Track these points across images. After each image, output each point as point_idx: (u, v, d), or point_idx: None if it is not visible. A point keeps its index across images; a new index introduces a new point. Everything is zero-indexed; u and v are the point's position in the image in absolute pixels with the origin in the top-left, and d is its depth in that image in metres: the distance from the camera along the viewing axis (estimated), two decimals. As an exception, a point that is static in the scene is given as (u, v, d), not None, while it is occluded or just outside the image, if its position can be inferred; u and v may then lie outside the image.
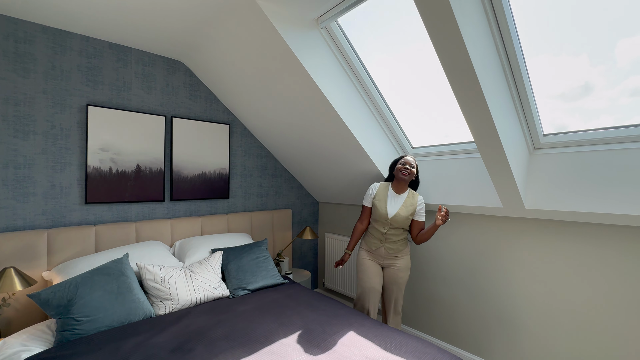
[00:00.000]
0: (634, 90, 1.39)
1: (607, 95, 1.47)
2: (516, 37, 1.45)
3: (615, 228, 1.52)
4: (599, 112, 1.52)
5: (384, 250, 1.94)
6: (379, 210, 1.90)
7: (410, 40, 1.87)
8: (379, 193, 1.95)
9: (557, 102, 1.60)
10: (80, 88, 1.96)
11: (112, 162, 2.05)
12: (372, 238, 1.97)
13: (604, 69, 1.43)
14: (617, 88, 1.43)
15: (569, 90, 1.56)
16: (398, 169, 1.89)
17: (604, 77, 1.45)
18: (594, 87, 1.49)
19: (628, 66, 1.37)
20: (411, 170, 1.88)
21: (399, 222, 1.89)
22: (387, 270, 1.99)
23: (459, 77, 1.33)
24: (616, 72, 1.41)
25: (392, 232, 1.91)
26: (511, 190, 1.67)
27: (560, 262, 1.68)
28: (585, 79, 1.50)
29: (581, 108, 1.56)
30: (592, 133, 1.56)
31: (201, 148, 2.46)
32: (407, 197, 1.93)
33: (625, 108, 1.44)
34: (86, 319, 1.43)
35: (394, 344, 1.37)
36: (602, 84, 1.46)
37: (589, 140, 1.56)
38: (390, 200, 1.93)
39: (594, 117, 1.55)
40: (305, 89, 1.94)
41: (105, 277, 1.59)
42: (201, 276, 1.86)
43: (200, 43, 2.08)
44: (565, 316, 1.66)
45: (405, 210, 1.89)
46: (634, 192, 1.37)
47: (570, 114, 1.60)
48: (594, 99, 1.51)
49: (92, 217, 2.00)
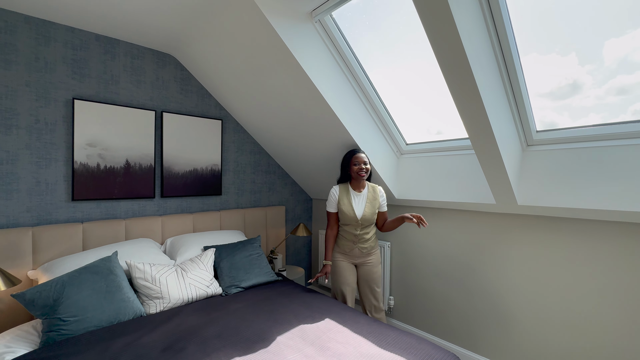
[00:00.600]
0: (620, 89, 1.42)
1: (595, 94, 1.49)
2: (511, 34, 1.44)
3: (606, 224, 1.53)
4: (587, 110, 1.54)
5: (358, 250, 1.95)
6: (348, 215, 1.90)
7: (406, 35, 1.85)
8: (341, 197, 1.93)
9: (545, 101, 1.62)
10: (66, 81, 1.89)
11: (100, 157, 1.99)
12: (345, 241, 1.96)
13: (592, 68, 1.45)
14: (604, 87, 1.45)
15: (558, 88, 1.57)
16: (354, 170, 1.91)
17: (592, 75, 1.47)
18: (582, 86, 1.51)
19: (615, 65, 1.39)
20: (367, 169, 1.92)
21: (369, 220, 1.92)
22: (361, 268, 1.99)
23: (454, 73, 1.32)
24: (603, 71, 1.43)
25: (363, 232, 1.93)
26: (504, 187, 1.68)
27: (552, 258, 1.70)
28: (574, 78, 1.52)
29: (569, 106, 1.58)
30: (584, 130, 1.57)
31: (193, 144, 2.41)
32: (369, 193, 1.96)
33: (612, 107, 1.46)
34: (73, 319, 1.39)
35: (388, 341, 1.37)
36: (590, 82, 1.48)
37: (580, 137, 1.57)
38: (355, 201, 1.93)
39: (582, 116, 1.57)
40: (299, 84, 1.91)
41: (93, 276, 1.55)
42: (193, 274, 1.83)
43: (191, 36, 2.03)
44: (556, 311, 1.69)
45: (371, 207, 1.93)
46: (624, 188, 1.39)
47: (559, 112, 1.62)
48: (582, 98, 1.53)
49: (80, 214, 1.95)
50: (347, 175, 1.99)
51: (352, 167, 1.93)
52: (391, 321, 2.53)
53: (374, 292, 1.97)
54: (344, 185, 1.98)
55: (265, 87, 2.13)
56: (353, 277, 1.97)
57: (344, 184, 1.99)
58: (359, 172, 1.90)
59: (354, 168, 1.92)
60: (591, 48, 1.41)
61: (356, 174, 1.92)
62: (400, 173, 2.37)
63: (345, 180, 2.01)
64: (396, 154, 2.38)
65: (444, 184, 2.07)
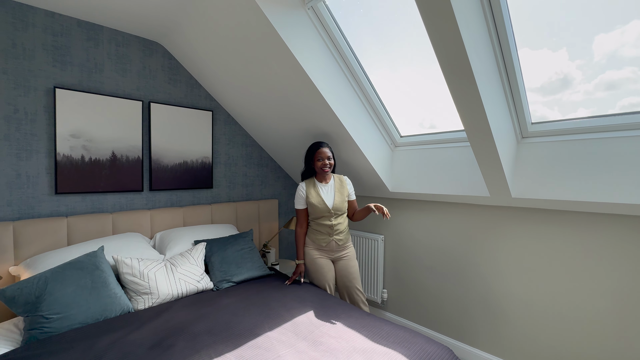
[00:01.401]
0: (609, 84, 1.42)
1: (584, 89, 1.50)
2: (509, 26, 1.41)
3: (600, 216, 1.53)
4: (576, 105, 1.55)
5: (334, 243, 1.93)
6: (319, 207, 1.88)
7: (402, 27, 1.81)
8: (309, 192, 1.91)
9: (537, 95, 1.62)
10: (46, 69, 1.80)
11: (84, 149, 1.91)
12: (320, 234, 1.93)
13: (582, 63, 1.46)
14: (594, 82, 1.46)
15: (549, 83, 1.58)
16: (318, 166, 1.91)
17: (582, 70, 1.48)
18: (572, 81, 1.52)
19: (604, 60, 1.39)
20: (331, 164, 1.92)
21: (340, 209, 1.92)
22: (339, 263, 1.97)
23: (452, 63, 1.29)
24: (593, 66, 1.43)
25: (338, 222, 1.92)
26: (498, 179, 1.66)
27: (545, 251, 1.70)
28: (564, 73, 1.52)
29: (560, 101, 1.59)
30: (578, 122, 1.56)
31: (182, 135, 2.34)
32: (335, 183, 1.97)
33: (601, 102, 1.47)
34: (57, 316, 1.34)
35: (381, 334, 1.35)
36: (579, 77, 1.49)
37: (574, 130, 1.56)
38: (323, 193, 1.93)
39: (571, 111, 1.57)
40: (291, 73, 1.85)
41: (78, 272, 1.50)
42: (183, 269, 1.79)
43: (179, 23, 1.95)
44: (549, 304, 1.69)
45: (340, 195, 1.93)
46: (618, 180, 1.38)
47: (549, 107, 1.62)
48: (572, 93, 1.54)
49: (64, 208, 1.88)
50: (312, 170, 1.97)
51: (316, 163, 1.92)
52: (385, 314, 2.53)
53: (356, 285, 1.94)
54: (309, 180, 1.97)
55: (257, 77, 2.06)
56: (332, 274, 1.95)
57: (309, 179, 1.97)
58: (323, 168, 1.90)
59: (318, 164, 1.91)
60: (581, 43, 1.42)
61: (320, 169, 1.91)
62: (394, 166, 2.35)
63: (310, 174, 1.99)
64: (390, 146, 2.35)
65: (438, 177, 2.05)
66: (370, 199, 2.61)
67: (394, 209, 2.44)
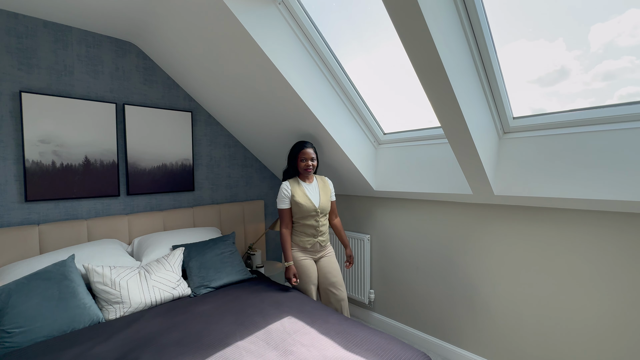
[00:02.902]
0: (607, 74, 1.39)
1: (582, 79, 1.47)
2: (483, 16, 1.35)
3: (585, 213, 1.48)
4: (575, 96, 1.51)
5: (318, 244, 1.90)
6: (305, 206, 1.84)
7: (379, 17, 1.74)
8: (294, 191, 1.87)
9: (535, 87, 1.57)
10: (11, 72, 1.74)
11: (55, 154, 1.86)
12: (305, 236, 1.89)
13: (579, 53, 1.43)
14: (591, 72, 1.43)
15: (546, 74, 1.53)
16: (302, 166, 1.89)
17: (579, 61, 1.44)
18: (570, 72, 1.49)
19: (601, 50, 1.36)
20: (314, 165, 1.92)
21: (326, 209, 1.92)
22: (321, 261, 1.94)
23: (422, 58, 1.23)
24: (590, 57, 1.40)
25: (322, 222, 1.90)
26: (479, 177, 1.61)
27: (529, 248, 1.65)
28: (562, 64, 1.48)
29: (557, 92, 1.55)
30: (563, 115, 1.50)
31: (160, 138, 2.28)
32: (319, 183, 1.97)
33: (599, 92, 1.44)
34: (19, 330, 1.30)
35: (356, 341, 1.31)
36: (577, 68, 1.46)
37: (559, 123, 1.50)
38: (309, 192, 1.90)
39: (569, 101, 1.53)
40: (264, 71, 1.79)
41: (44, 282, 1.45)
42: (157, 276, 1.74)
43: (150, 23, 1.89)
44: (533, 303, 1.65)
45: (325, 195, 1.93)
46: (605, 176, 1.33)
47: (547, 98, 1.57)
48: (570, 84, 1.49)
49: (35, 216, 1.83)
50: (295, 170, 1.94)
51: (300, 163, 1.89)
52: (372, 315, 2.49)
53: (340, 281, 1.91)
54: (293, 179, 1.93)
55: (233, 76, 2.00)
56: (316, 274, 1.92)
57: (292, 179, 1.94)
58: (306, 169, 1.88)
59: (302, 164, 1.89)
60: (577, 33, 1.38)
61: (303, 169, 1.89)
62: (378, 164, 2.29)
63: (293, 174, 1.95)
64: (374, 144, 2.30)
65: (423, 175, 2.00)
66: (355, 198, 2.56)
67: (379, 208, 2.39)
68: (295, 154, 1.91)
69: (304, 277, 1.87)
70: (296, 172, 1.95)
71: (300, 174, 1.94)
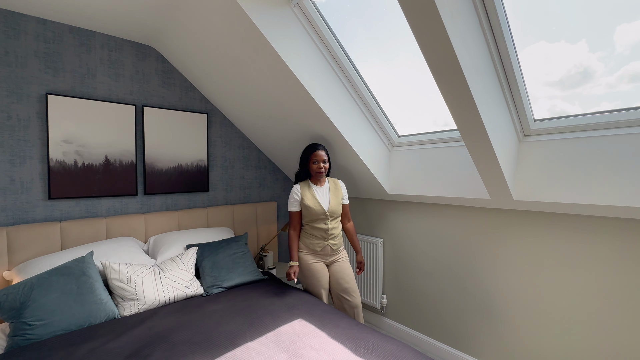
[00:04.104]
0: (634, 76, 1.33)
1: (606, 81, 1.41)
2: (504, 17, 1.30)
3: (609, 220, 1.40)
4: (599, 98, 1.45)
5: (329, 247, 1.88)
6: (315, 209, 1.83)
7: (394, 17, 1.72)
8: (304, 194, 1.86)
9: (555, 90, 1.52)
10: (39, 75, 1.83)
11: (77, 154, 1.93)
12: (314, 239, 1.87)
13: (603, 54, 1.37)
14: (617, 74, 1.37)
15: (568, 77, 1.48)
16: (313, 169, 1.89)
17: (604, 62, 1.38)
18: (594, 74, 1.43)
19: (627, 51, 1.31)
20: (326, 167, 1.90)
21: (336, 212, 1.90)
22: (334, 266, 1.91)
23: (438, 59, 1.20)
24: (615, 58, 1.34)
25: (333, 225, 1.88)
26: (498, 181, 1.55)
27: (549, 256, 1.58)
28: (585, 65, 1.43)
29: (580, 95, 1.48)
30: (586, 118, 1.43)
31: (177, 139, 2.34)
32: (330, 186, 1.95)
33: (625, 94, 1.38)
34: (39, 322, 1.34)
35: (367, 347, 1.28)
36: (601, 70, 1.40)
37: (583, 126, 1.43)
38: (319, 195, 1.88)
39: (594, 104, 1.46)
40: (279, 74, 1.80)
41: (64, 278, 1.50)
42: (171, 274, 1.77)
43: (169, 27, 1.94)
44: (552, 312, 1.57)
45: (335, 198, 1.91)
46: (629, 182, 1.26)
47: (569, 102, 1.52)
48: (594, 86, 1.44)
49: (58, 213, 1.90)
50: (307, 172, 1.92)
51: (311, 165, 1.88)
52: (384, 320, 2.44)
53: (353, 287, 1.88)
54: (304, 182, 1.92)
55: (248, 79, 2.02)
56: (327, 279, 1.89)
57: (304, 182, 1.93)
58: (318, 171, 1.87)
59: (313, 167, 1.88)
60: (602, 34, 1.33)
61: (315, 172, 1.88)
62: (392, 167, 2.26)
63: (304, 177, 1.94)
64: (387, 146, 2.27)
65: (438, 178, 1.95)
66: (368, 202, 2.53)
67: (392, 211, 2.35)
68: (307, 156, 1.91)
69: (314, 281, 1.85)
70: (308, 175, 1.95)
71: (312, 177, 1.94)
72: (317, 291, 1.85)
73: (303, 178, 1.95)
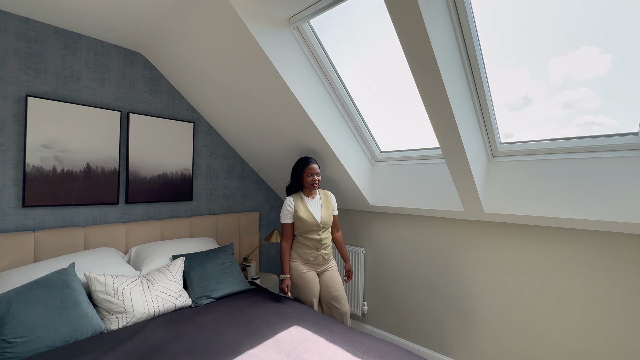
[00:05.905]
0: (566, 103, 1.56)
1: (544, 107, 1.62)
2: (478, 45, 1.51)
3: (565, 231, 1.65)
4: (539, 122, 1.67)
5: (321, 257, 1.97)
6: (308, 221, 1.92)
7: (383, 46, 1.90)
8: (297, 206, 1.94)
9: (503, 111, 1.72)
10: (18, 76, 1.73)
11: (56, 160, 1.83)
12: (307, 249, 1.95)
13: (541, 82, 1.58)
14: (552, 100, 1.59)
15: (513, 101, 1.69)
16: (308, 181, 1.96)
17: (542, 89, 1.60)
18: (533, 99, 1.64)
19: (560, 82, 1.53)
20: (319, 179, 1.99)
21: (328, 223, 1.99)
22: (324, 275, 2.00)
23: (427, 85, 1.37)
24: (550, 87, 1.56)
25: (325, 236, 1.97)
26: (472, 195, 1.76)
27: (517, 263, 1.81)
28: (526, 91, 1.64)
29: (523, 118, 1.70)
30: (539, 143, 1.69)
31: (162, 147, 2.30)
32: (321, 197, 2.04)
33: (560, 119, 1.61)
34: (20, 340, 1.26)
35: (364, 349, 1.37)
36: (540, 96, 1.61)
37: (536, 150, 1.69)
38: (311, 207, 1.98)
39: (535, 127, 1.69)
40: (276, 90, 1.89)
41: (46, 291, 1.41)
42: (160, 285, 1.73)
43: (162, 35, 1.94)
44: (522, 314, 1.79)
45: (327, 210, 2.01)
46: (579, 197, 1.51)
47: (515, 123, 1.74)
48: (534, 110, 1.66)
49: (31, 222, 1.78)
50: (299, 184, 2.00)
51: (306, 178, 1.96)
52: (365, 327, 2.55)
53: (342, 294, 1.97)
54: (297, 195, 2.00)
55: (241, 91, 2.08)
56: (318, 288, 1.97)
57: (296, 194, 2.00)
58: (313, 183, 1.96)
59: (308, 179, 1.96)
60: (539, 64, 1.54)
61: (310, 184, 1.96)
62: (375, 180, 2.41)
63: (296, 189, 2.02)
64: (371, 161, 2.43)
65: (417, 192, 2.14)
66: (352, 213, 2.66)
67: (374, 221, 2.50)
68: (300, 169, 1.98)
69: (306, 290, 1.91)
70: (300, 187, 2.02)
71: (304, 189, 2.01)
72: (309, 299, 1.91)
73: (295, 190, 2.02)
